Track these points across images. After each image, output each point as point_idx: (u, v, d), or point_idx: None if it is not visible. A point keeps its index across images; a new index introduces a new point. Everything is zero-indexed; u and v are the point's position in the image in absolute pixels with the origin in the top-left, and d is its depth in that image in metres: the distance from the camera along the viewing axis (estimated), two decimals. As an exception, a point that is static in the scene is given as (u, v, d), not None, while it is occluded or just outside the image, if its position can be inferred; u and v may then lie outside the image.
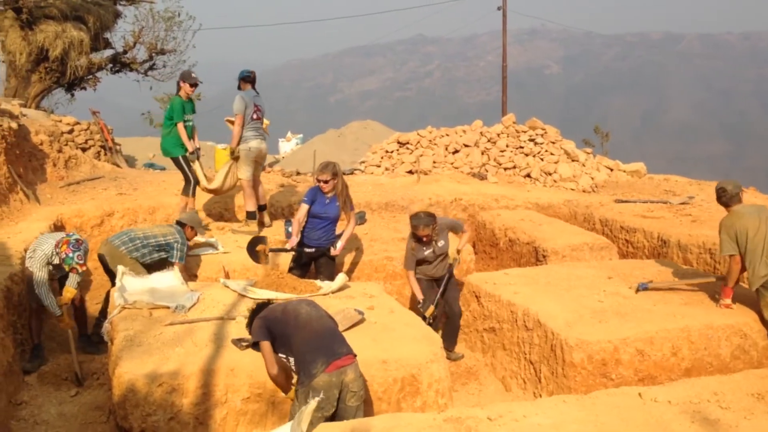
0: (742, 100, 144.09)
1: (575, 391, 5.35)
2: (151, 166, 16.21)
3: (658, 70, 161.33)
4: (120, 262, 6.62)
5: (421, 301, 6.93)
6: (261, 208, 9.09)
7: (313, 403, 4.12)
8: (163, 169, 15.00)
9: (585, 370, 5.55)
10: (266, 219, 9.21)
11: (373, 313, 5.80)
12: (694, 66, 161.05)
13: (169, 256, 7.01)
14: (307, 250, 7.25)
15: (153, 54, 18.46)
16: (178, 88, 8.85)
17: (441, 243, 7.06)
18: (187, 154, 8.75)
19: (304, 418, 3.98)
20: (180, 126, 8.64)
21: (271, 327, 4.58)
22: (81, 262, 6.37)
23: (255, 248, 7.17)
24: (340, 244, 7.29)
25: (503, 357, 6.60)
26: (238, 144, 8.56)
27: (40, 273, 6.31)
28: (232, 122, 12.87)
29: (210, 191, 8.97)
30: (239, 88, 8.68)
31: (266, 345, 4.52)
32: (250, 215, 8.81)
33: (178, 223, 7.38)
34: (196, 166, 8.82)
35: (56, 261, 6.37)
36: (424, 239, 6.89)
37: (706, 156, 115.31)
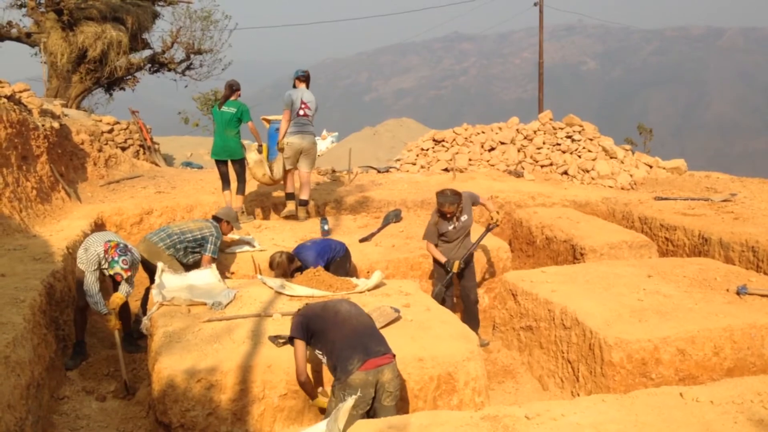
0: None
1: (614, 391, 5.27)
2: (188, 164, 16.44)
3: (698, 65, 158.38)
4: (158, 259, 6.71)
5: (444, 262, 7.24)
6: (302, 202, 9.52)
7: (350, 401, 4.12)
8: (201, 167, 15.20)
9: (624, 369, 5.46)
10: (301, 214, 9.44)
11: (409, 311, 5.79)
12: (736, 61, 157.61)
13: (203, 249, 7.11)
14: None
15: (190, 53, 18.71)
16: (233, 93, 9.43)
17: (464, 218, 7.31)
18: (257, 147, 9.59)
19: (341, 416, 3.98)
20: (252, 125, 9.49)
21: (309, 323, 4.61)
22: (126, 267, 6.17)
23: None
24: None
25: (540, 355, 6.53)
26: (284, 137, 9.14)
27: (90, 275, 6.27)
28: (268, 120, 13.02)
29: (273, 182, 9.78)
30: (294, 86, 9.29)
31: (300, 345, 4.56)
32: (290, 196, 9.57)
33: (215, 218, 7.48)
34: (262, 159, 9.57)
35: (105, 265, 6.39)
36: (448, 215, 7.15)
37: (748, 152, 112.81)
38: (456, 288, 7.63)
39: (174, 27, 18.35)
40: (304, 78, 9.27)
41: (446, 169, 13.67)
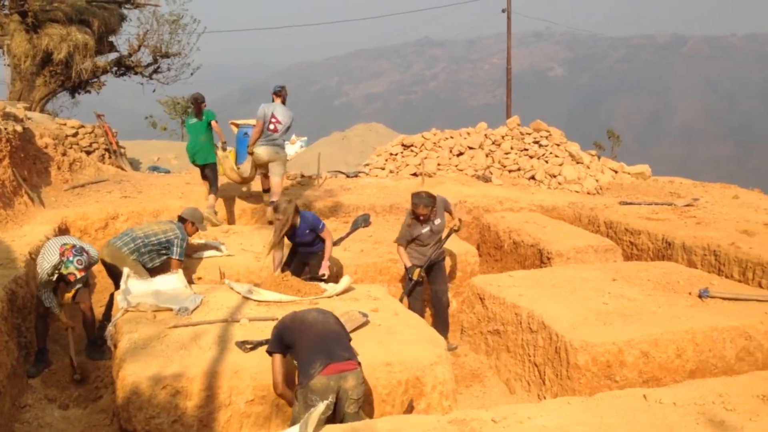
0: (748, 102, 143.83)
1: (579, 393, 5.33)
2: (155, 169, 16.27)
3: (663, 72, 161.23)
4: (122, 264, 6.63)
5: (408, 267, 7.24)
6: (271, 203, 9.73)
7: (321, 406, 4.12)
8: (168, 172, 15.05)
9: (589, 372, 5.53)
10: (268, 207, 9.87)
11: (378, 316, 5.80)
12: (700, 68, 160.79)
13: (169, 252, 7.03)
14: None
15: (157, 57, 18.52)
16: (200, 108, 9.91)
17: (438, 221, 7.32)
18: (220, 145, 9.99)
19: (311, 422, 3.98)
20: (215, 123, 9.90)
21: (283, 336, 4.61)
22: (80, 267, 6.26)
23: None
24: (324, 264, 7.11)
25: (507, 359, 6.58)
26: (253, 145, 9.61)
27: (46, 277, 6.27)
28: (237, 125, 12.96)
29: (243, 180, 10.16)
30: (272, 99, 9.78)
31: (275, 359, 4.57)
32: (272, 203, 9.67)
33: (180, 219, 7.39)
34: (227, 157, 9.96)
35: (63, 269, 6.35)
36: (422, 218, 7.16)
37: (712, 158, 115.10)
38: (426, 291, 7.65)
39: (141, 30, 18.16)
40: (279, 93, 9.73)
41: (415, 174, 13.71)
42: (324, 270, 7.01)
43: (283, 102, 9.77)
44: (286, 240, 7.15)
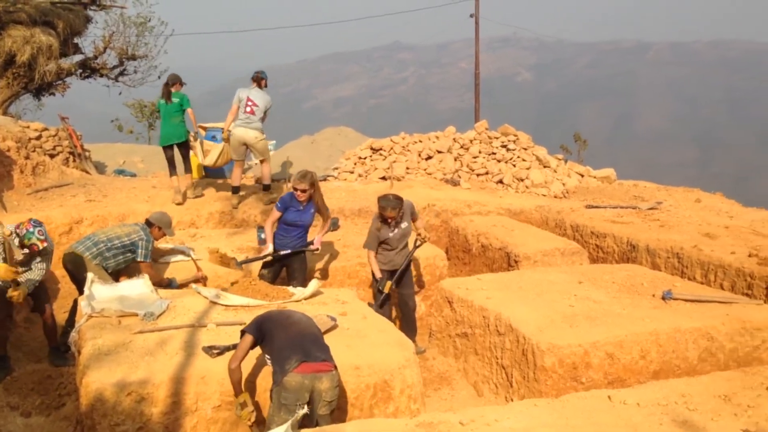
0: (711, 107, 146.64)
1: (546, 395, 5.39)
2: (121, 172, 16.03)
3: (629, 77, 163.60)
4: (84, 269, 6.53)
5: (378, 279, 7.27)
6: (265, 187, 10.71)
7: (301, 413, 4.13)
8: (134, 175, 14.86)
9: (556, 374, 5.59)
10: (234, 201, 10.31)
11: (346, 319, 5.80)
12: (665, 74, 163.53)
13: (135, 255, 6.93)
14: (283, 252, 7.28)
15: (123, 59, 18.27)
16: (172, 87, 10.28)
17: (404, 224, 7.37)
18: (194, 134, 10.41)
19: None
20: (191, 111, 10.28)
21: (263, 323, 4.61)
22: (42, 237, 6.28)
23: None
24: (317, 237, 7.49)
25: (475, 362, 6.62)
26: (228, 128, 10.05)
27: None
28: (205, 128, 12.87)
29: (206, 166, 10.83)
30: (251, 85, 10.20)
31: (247, 338, 4.57)
32: (233, 189, 10.42)
33: (147, 222, 7.28)
34: (197, 143, 10.43)
35: (25, 240, 6.24)
36: (390, 221, 7.18)
37: (676, 162, 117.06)
38: (394, 296, 7.67)
39: (107, 32, 17.89)
40: (256, 78, 10.14)
41: (384, 178, 13.72)
42: (317, 245, 7.41)
43: (259, 86, 10.09)
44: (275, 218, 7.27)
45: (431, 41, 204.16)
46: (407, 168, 14.06)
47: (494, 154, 14.27)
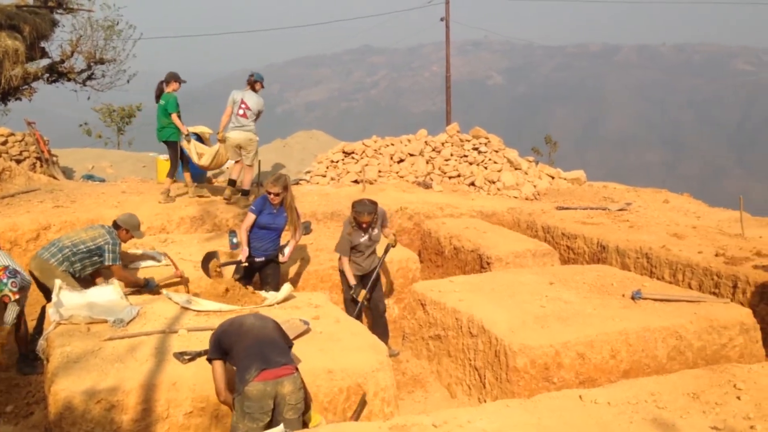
0: (677, 110, 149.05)
1: (519, 396, 5.42)
2: (90, 177, 15.81)
3: (597, 80, 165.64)
4: (51, 276, 6.40)
5: (353, 286, 7.24)
6: (243, 192, 10.68)
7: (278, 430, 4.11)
8: (103, 180, 14.67)
9: (528, 374, 5.63)
10: (227, 192, 10.66)
11: (319, 323, 5.78)
12: (632, 77, 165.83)
13: (102, 260, 6.81)
14: (258, 259, 7.27)
15: (91, 63, 18.02)
16: (166, 86, 10.57)
17: (376, 231, 7.37)
18: (183, 137, 10.50)
19: None
20: (175, 116, 10.38)
21: (221, 341, 4.56)
22: (14, 290, 6.06)
23: (207, 263, 7.22)
24: (288, 250, 7.42)
25: (449, 364, 6.64)
26: (222, 130, 10.34)
27: None
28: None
29: (201, 167, 10.90)
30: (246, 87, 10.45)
31: (216, 365, 4.53)
32: (230, 182, 10.78)
33: (114, 224, 7.15)
34: (190, 145, 10.54)
35: None
36: (365, 225, 7.17)
37: (643, 164, 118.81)
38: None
39: (74, 36, 17.63)
40: (249, 82, 10.40)
41: (356, 181, 13.73)
42: (286, 257, 7.38)
43: (253, 89, 10.32)
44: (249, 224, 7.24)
45: (402, 44, 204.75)
46: (379, 171, 14.08)
47: (466, 156, 14.35)
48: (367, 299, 7.33)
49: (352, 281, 7.28)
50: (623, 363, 5.86)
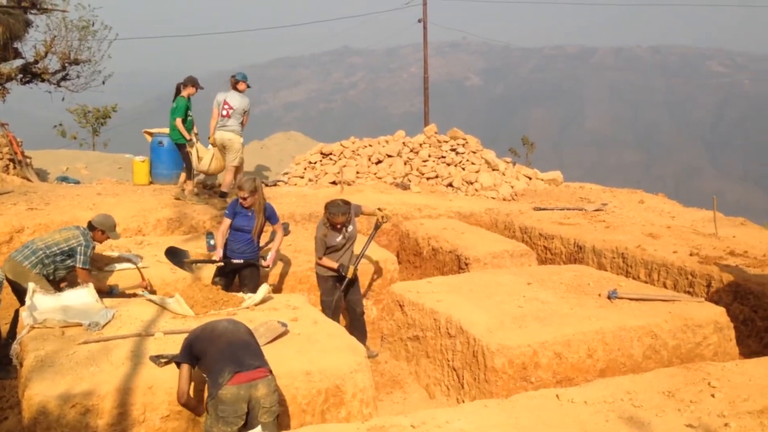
0: (653, 111, 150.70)
1: (497, 396, 5.44)
2: (64, 179, 15.61)
3: (574, 82, 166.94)
4: (24, 279, 6.32)
5: (339, 267, 7.25)
6: (221, 194, 10.87)
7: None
8: (77, 182, 14.50)
9: (506, 374, 5.65)
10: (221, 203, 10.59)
11: (297, 325, 5.76)
12: (608, 78, 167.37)
13: (73, 261, 6.73)
14: (235, 261, 7.25)
15: (66, 64, 17.81)
16: (183, 89, 10.73)
17: (350, 228, 7.38)
18: (187, 142, 10.69)
19: None
20: (179, 121, 10.57)
21: (193, 346, 4.54)
22: None
23: (176, 258, 7.20)
24: (270, 255, 7.39)
25: (427, 365, 6.65)
26: (213, 133, 10.55)
27: None
28: (150, 134, 12.67)
29: (202, 172, 11.12)
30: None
31: (183, 368, 4.49)
32: (220, 194, 10.89)
33: (89, 226, 7.06)
34: (193, 150, 10.69)
35: None
36: (339, 226, 7.16)
37: (619, 164, 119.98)
38: (342, 301, 7.65)
39: (48, 36, 17.41)
40: (232, 82, 10.57)
41: (334, 182, 13.71)
42: (270, 261, 7.33)
43: (236, 89, 10.46)
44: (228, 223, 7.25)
45: (381, 46, 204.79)
46: (357, 172, 14.07)
47: (444, 157, 14.39)
48: (352, 278, 7.33)
49: (334, 265, 7.27)
50: (600, 362, 5.91)
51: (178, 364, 4.56)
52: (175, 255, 7.43)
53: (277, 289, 7.87)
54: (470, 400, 5.70)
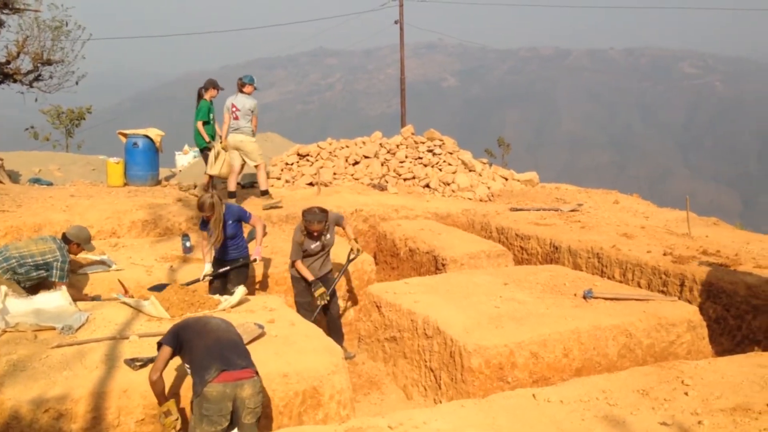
0: (626, 112, 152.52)
1: (474, 396, 5.46)
2: (36, 181, 15.40)
3: (549, 84, 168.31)
4: None
5: (312, 282, 7.27)
6: (262, 192, 11.19)
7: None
8: (50, 184, 14.31)
9: (483, 374, 5.67)
10: (263, 202, 10.95)
11: (274, 327, 5.74)
12: (583, 80, 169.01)
13: (49, 275, 6.64)
14: (222, 271, 7.42)
15: (38, 64, 17.57)
16: (204, 92, 11.24)
17: (328, 236, 7.40)
18: (206, 144, 11.19)
19: None
20: (199, 124, 11.10)
21: (180, 332, 4.52)
22: None
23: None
24: (257, 248, 7.52)
25: (404, 365, 6.66)
26: (225, 137, 10.85)
27: None
28: (125, 135, 12.55)
29: (214, 175, 11.22)
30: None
31: (165, 349, 4.47)
32: (229, 194, 11.05)
33: (64, 237, 6.98)
34: (211, 153, 10.98)
35: None
36: (315, 234, 7.17)
37: (594, 165, 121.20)
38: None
39: (20, 36, 17.16)
40: (239, 85, 10.83)
41: (311, 184, 13.67)
42: (256, 255, 7.46)
43: (242, 91, 10.72)
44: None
45: (357, 47, 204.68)
46: (334, 173, 14.05)
47: (420, 158, 14.42)
48: (326, 300, 7.31)
49: (310, 277, 7.29)
50: (575, 361, 5.95)
51: (160, 345, 4.52)
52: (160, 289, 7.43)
53: (253, 290, 7.85)
54: (447, 401, 5.71)
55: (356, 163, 14.36)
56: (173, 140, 21.08)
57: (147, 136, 12.65)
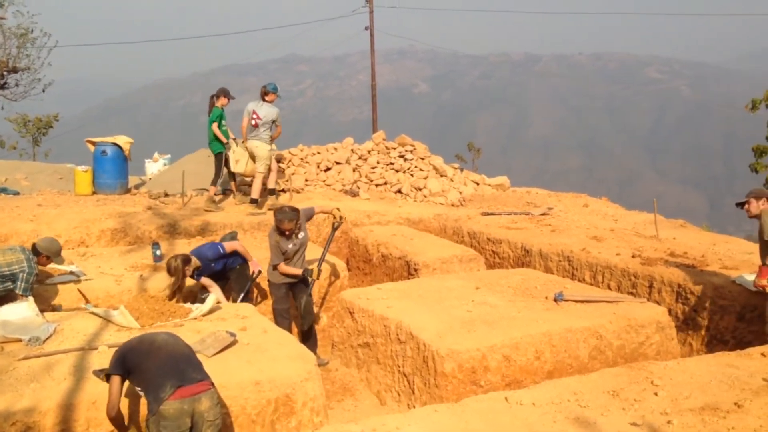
0: (595, 116, 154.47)
1: (447, 400, 5.47)
2: (3, 190, 15.14)
3: (520, 88, 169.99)
4: None
5: (306, 268, 7.42)
6: (270, 191, 11.41)
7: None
8: (17, 193, 14.07)
9: (456, 378, 5.69)
10: (250, 207, 11.12)
11: (246, 334, 5.70)
12: (552, 85, 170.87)
13: (13, 285, 6.50)
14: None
15: (4, 72, 17.32)
16: (216, 100, 11.60)
17: (301, 234, 7.46)
18: (224, 146, 11.45)
19: None
20: (215, 126, 11.42)
21: (126, 358, 4.37)
22: None
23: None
24: (254, 262, 7.74)
25: (378, 371, 6.65)
26: (244, 140, 11.21)
27: None
28: (93, 143, 12.40)
29: (239, 174, 11.75)
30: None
31: (114, 380, 4.34)
32: (251, 201, 11.25)
33: (34, 248, 6.85)
34: (231, 153, 11.41)
35: None
36: (287, 233, 7.22)
37: (564, 169, 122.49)
38: (292, 308, 7.63)
39: (-15, 43, 16.89)
40: (262, 92, 11.14)
41: (283, 190, 13.62)
42: (255, 268, 7.65)
43: (264, 99, 11.01)
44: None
45: (328, 53, 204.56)
46: (306, 180, 14.02)
47: (392, 164, 14.45)
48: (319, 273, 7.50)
49: (299, 272, 7.37)
50: (547, 364, 6.00)
51: (108, 377, 4.38)
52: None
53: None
54: (421, 406, 5.71)
55: (328, 169, 14.35)
56: (142, 148, 20.86)
57: (116, 144, 12.50)
